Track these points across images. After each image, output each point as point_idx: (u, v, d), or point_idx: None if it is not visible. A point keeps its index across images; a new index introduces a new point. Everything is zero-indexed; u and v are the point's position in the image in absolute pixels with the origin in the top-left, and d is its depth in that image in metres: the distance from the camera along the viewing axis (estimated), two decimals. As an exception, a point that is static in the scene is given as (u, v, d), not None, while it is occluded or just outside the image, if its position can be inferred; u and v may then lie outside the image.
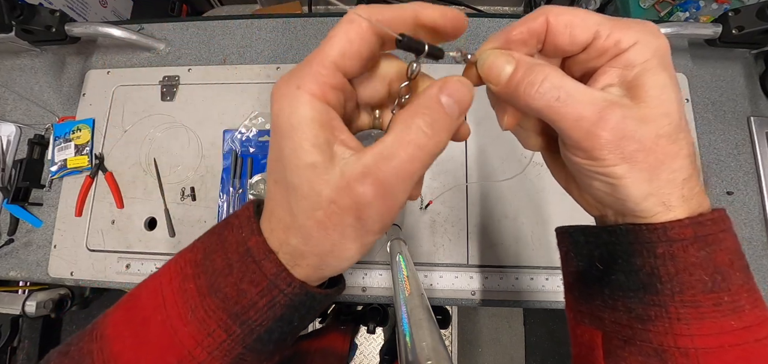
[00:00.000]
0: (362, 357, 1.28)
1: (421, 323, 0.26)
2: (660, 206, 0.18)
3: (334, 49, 0.18)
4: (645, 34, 0.18)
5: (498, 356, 1.38)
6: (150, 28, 0.72)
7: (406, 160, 0.17)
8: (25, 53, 0.72)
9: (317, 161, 0.17)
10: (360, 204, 0.17)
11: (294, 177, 0.17)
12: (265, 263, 0.19)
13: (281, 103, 0.18)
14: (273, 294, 0.19)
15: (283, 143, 0.17)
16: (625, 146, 0.18)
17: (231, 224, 0.21)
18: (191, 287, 0.20)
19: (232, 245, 0.20)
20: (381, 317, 0.99)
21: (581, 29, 0.19)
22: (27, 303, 0.60)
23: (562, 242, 0.26)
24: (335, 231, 0.18)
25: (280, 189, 0.19)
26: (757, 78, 0.62)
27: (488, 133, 0.62)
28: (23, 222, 0.64)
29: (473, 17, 0.71)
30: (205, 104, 0.67)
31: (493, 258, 0.57)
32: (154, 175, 0.64)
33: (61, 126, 0.66)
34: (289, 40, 0.70)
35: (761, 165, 0.58)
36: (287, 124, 0.17)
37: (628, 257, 0.19)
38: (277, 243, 0.19)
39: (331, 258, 0.19)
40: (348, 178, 0.17)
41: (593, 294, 0.22)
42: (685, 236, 0.18)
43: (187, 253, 0.21)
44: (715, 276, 0.18)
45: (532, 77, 0.18)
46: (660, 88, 0.18)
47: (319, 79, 0.17)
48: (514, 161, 0.61)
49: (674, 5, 0.98)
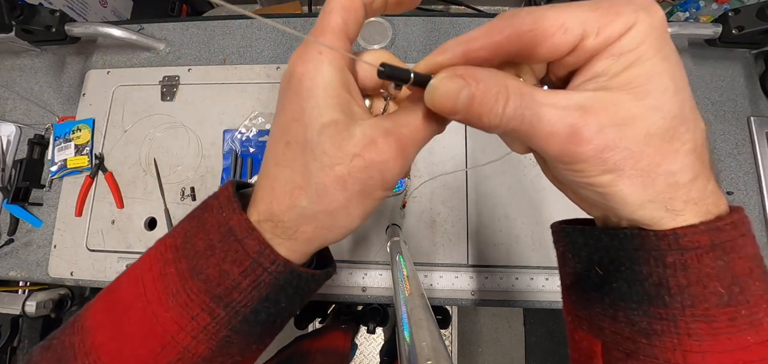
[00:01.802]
0: (362, 357, 1.28)
1: (421, 323, 0.26)
2: (663, 211, 0.16)
3: (336, 18, 0.19)
4: (638, 15, 0.15)
5: (498, 356, 1.38)
6: (150, 28, 0.72)
7: (419, 128, 0.19)
8: (25, 53, 0.72)
9: (340, 119, 0.18)
10: (383, 159, 0.18)
11: (315, 134, 0.18)
12: (247, 241, 0.19)
13: (306, 66, 0.18)
14: (257, 273, 0.19)
15: (306, 103, 0.18)
16: (608, 157, 0.15)
17: (210, 205, 0.21)
18: (172, 271, 0.20)
19: (213, 226, 0.20)
20: (381, 317, 0.99)
21: (563, 36, 0.16)
22: (27, 303, 0.60)
23: (558, 240, 0.24)
24: (356, 185, 0.18)
25: (294, 150, 0.19)
26: (757, 78, 0.62)
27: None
28: (23, 222, 0.64)
29: (473, 17, 0.71)
30: (205, 104, 0.67)
31: (493, 258, 0.57)
32: (154, 175, 0.64)
33: (61, 126, 0.66)
34: (289, 40, 0.70)
35: (761, 165, 0.58)
36: (310, 83, 0.18)
37: (632, 265, 0.17)
38: (278, 210, 0.19)
39: (344, 216, 0.19)
40: (372, 135, 0.18)
41: (592, 300, 0.20)
42: (700, 244, 0.16)
43: (167, 239, 0.21)
44: (733, 287, 0.16)
45: (491, 104, 0.16)
46: (650, 76, 0.15)
47: (335, 45, 0.18)
48: (515, 161, 0.61)
49: (674, 5, 0.98)
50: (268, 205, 0.20)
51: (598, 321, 0.20)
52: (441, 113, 0.18)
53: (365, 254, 0.58)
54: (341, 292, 0.57)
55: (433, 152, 0.62)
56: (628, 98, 0.15)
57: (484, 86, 0.16)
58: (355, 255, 0.58)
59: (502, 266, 0.57)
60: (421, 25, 0.69)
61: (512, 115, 0.16)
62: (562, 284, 0.24)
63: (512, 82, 0.16)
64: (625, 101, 0.15)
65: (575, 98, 0.16)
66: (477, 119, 0.17)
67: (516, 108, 0.16)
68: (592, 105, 0.16)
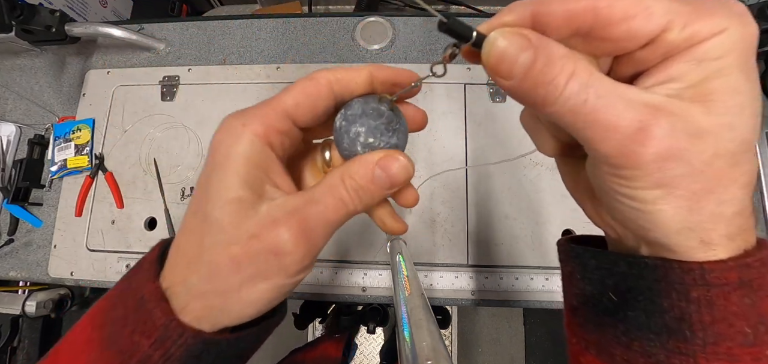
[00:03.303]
0: (362, 357, 1.28)
1: (421, 323, 0.26)
2: (696, 241, 0.15)
3: (290, 99, 0.19)
4: (731, 21, 0.13)
5: (498, 356, 1.38)
6: (150, 28, 0.72)
7: (330, 209, 0.18)
8: (25, 53, 0.72)
9: (244, 197, 0.17)
10: (282, 241, 0.17)
11: (216, 210, 0.17)
12: (155, 312, 0.18)
13: (223, 135, 0.18)
14: (166, 346, 0.18)
15: (214, 175, 0.18)
16: (667, 168, 0.14)
17: (140, 265, 0.20)
18: (96, 337, 0.19)
19: (132, 293, 0.19)
20: (381, 317, 0.99)
21: (645, 21, 0.14)
22: (27, 303, 0.60)
23: (566, 260, 0.22)
24: (250, 267, 0.17)
25: (197, 221, 0.18)
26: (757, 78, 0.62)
27: (487, 133, 0.62)
28: (23, 222, 0.64)
29: (473, 17, 0.71)
30: (205, 104, 0.67)
31: (493, 258, 0.57)
32: (154, 175, 0.64)
33: (61, 126, 0.66)
34: (289, 40, 0.70)
35: (761, 165, 0.58)
36: (222, 156, 0.18)
37: (652, 296, 0.16)
38: (176, 281, 0.18)
39: (236, 301, 0.18)
40: (274, 215, 0.17)
41: (603, 325, 0.19)
42: (729, 280, 0.15)
43: (102, 300, 0.21)
44: (759, 327, 0.15)
45: (554, 74, 0.14)
46: (730, 92, 0.14)
47: (266, 121, 0.18)
48: (515, 161, 0.61)
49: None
50: (170, 272, 0.19)
51: (609, 347, 0.18)
52: (494, 74, 0.16)
53: (365, 254, 0.58)
54: (341, 292, 0.57)
55: (432, 152, 0.62)
56: (701, 111, 0.14)
57: (548, 52, 0.14)
58: (355, 255, 0.58)
59: (502, 266, 0.57)
60: (420, 25, 0.69)
61: (574, 94, 0.14)
62: (565, 303, 0.23)
63: (582, 59, 0.15)
64: (698, 114, 0.14)
65: (647, 97, 0.14)
66: (532, 91, 0.15)
67: (581, 86, 0.14)
68: (666, 107, 0.14)
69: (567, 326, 0.23)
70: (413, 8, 1.27)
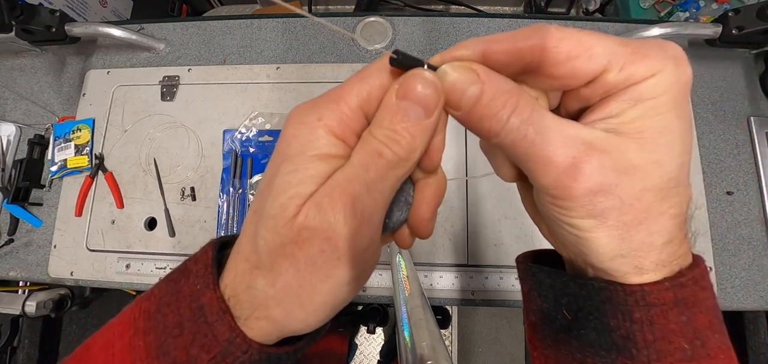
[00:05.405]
0: (362, 357, 1.28)
1: (421, 323, 0.26)
2: (630, 267, 0.16)
3: (364, 89, 0.17)
4: (666, 64, 0.15)
5: (498, 356, 1.38)
6: (150, 28, 0.72)
7: (369, 167, 0.16)
8: (25, 53, 0.72)
9: (311, 193, 0.16)
10: (329, 222, 0.16)
11: (276, 205, 0.16)
12: (218, 326, 0.17)
13: (300, 129, 0.17)
14: (227, 362, 0.17)
15: (282, 167, 0.17)
16: (597, 202, 0.15)
17: (188, 270, 0.19)
18: (140, 344, 0.18)
19: (186, 299, 0.18)
20: (381, 317, 0.99)
21: (587, 61, 0.15)
22: (27, 303, 0.60)
23: (524, 277, 0.23)
24: (309, 265, 0.16)
25: (258, 219, 0.17)
26: (757, 78, 0.62)
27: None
28: (23, 222, 0.64)
29: (473, 17, 0.71)
30: (205, 104, 0.67)
31: (493, 258, 0.57)
32: (154, 175, 0.64)
33: (61, 126, 0.66)
34: (289, 40, 0.70)
35: (761, 165, 0.58)
36: (296, 150, 0.17)
37: (600, 316, 0.17)
38: (240, 288, 0.18)
39: (299, 304, 0.17)
40: (318, 201, 0.16)
41: (559, 342, 0.19)
42: (665, 300, 0.16)
43: (143, 301, 0.20)
44: (695, 342, 0.16)
45: (498, 108, 0.15)
46: (661, 131, 0.15)
47: (343, 120, 0.17)
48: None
49: (674, 5, 0.98)
50: (232, 277, 0.18)
51: (566, 362, 0.19)
52: (445, 105, 0.16)
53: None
54: (341, 292, 0.57)
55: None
56: (633, 147, 0.15)
57: (494, 88, 0.15)
58: (355, 255, 0.58)
59: (502, 266, 0.57)
60: (420, 25, 0.69)
61: (515, 128, 0.15)
62: (526, 319, 0.23)
63: (524, 95, 0.16)
64: (630, 149, 0.15)
65: (584, 133, 0.15)
66: (478, 121, 0.16)
67: (521, 121, 0.15)
68: (598, 144, 0.15)
69: (529, 341, 0.23)
70: (413, 8, 1.27)
